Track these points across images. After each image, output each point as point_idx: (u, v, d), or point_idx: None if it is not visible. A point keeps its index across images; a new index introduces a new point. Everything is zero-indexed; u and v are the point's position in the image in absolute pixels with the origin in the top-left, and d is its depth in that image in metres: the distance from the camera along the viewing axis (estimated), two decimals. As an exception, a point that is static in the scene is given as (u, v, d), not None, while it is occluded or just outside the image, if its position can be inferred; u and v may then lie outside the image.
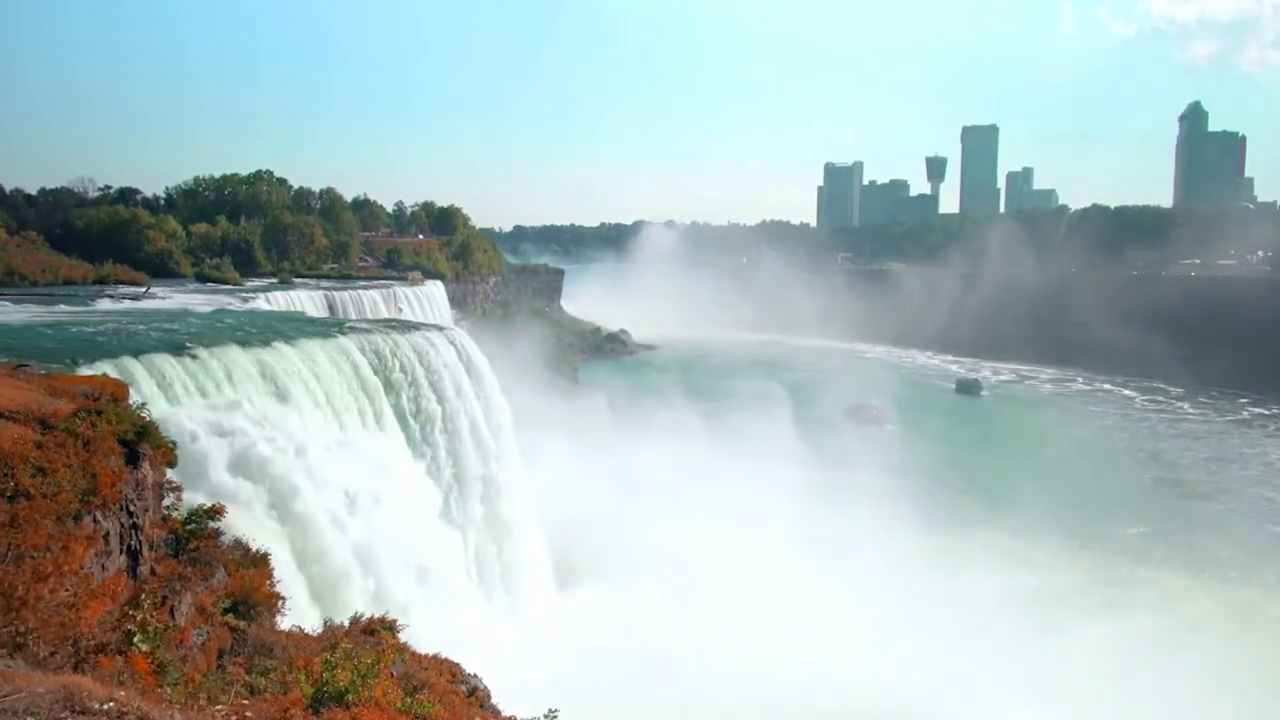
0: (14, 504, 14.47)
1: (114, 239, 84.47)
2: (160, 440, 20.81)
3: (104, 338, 36.32)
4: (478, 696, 21.97)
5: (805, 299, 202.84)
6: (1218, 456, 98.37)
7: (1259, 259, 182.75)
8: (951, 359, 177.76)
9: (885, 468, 76.02)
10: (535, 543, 48.73)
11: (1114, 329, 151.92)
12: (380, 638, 20.89)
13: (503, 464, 46.12)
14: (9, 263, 70.34)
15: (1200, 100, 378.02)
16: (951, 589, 53.71)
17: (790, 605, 47.75)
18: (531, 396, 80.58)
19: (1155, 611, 53.39)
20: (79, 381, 21.88)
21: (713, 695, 38.06)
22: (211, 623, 18.46)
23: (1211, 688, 43.05)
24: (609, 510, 59.37)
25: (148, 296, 62.72)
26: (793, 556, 55.33)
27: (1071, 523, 66.59)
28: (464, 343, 48.68)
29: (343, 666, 12.96)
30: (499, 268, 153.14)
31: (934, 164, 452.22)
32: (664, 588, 49.05)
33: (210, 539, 21.34)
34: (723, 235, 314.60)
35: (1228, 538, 67.56)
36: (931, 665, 42.83)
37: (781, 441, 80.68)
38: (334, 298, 70.28)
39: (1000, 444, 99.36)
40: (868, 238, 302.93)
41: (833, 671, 40.06)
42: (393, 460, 37.70)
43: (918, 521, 64.03)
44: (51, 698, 7.89)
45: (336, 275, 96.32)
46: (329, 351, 38.45)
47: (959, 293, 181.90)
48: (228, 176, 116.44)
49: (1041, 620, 50.36)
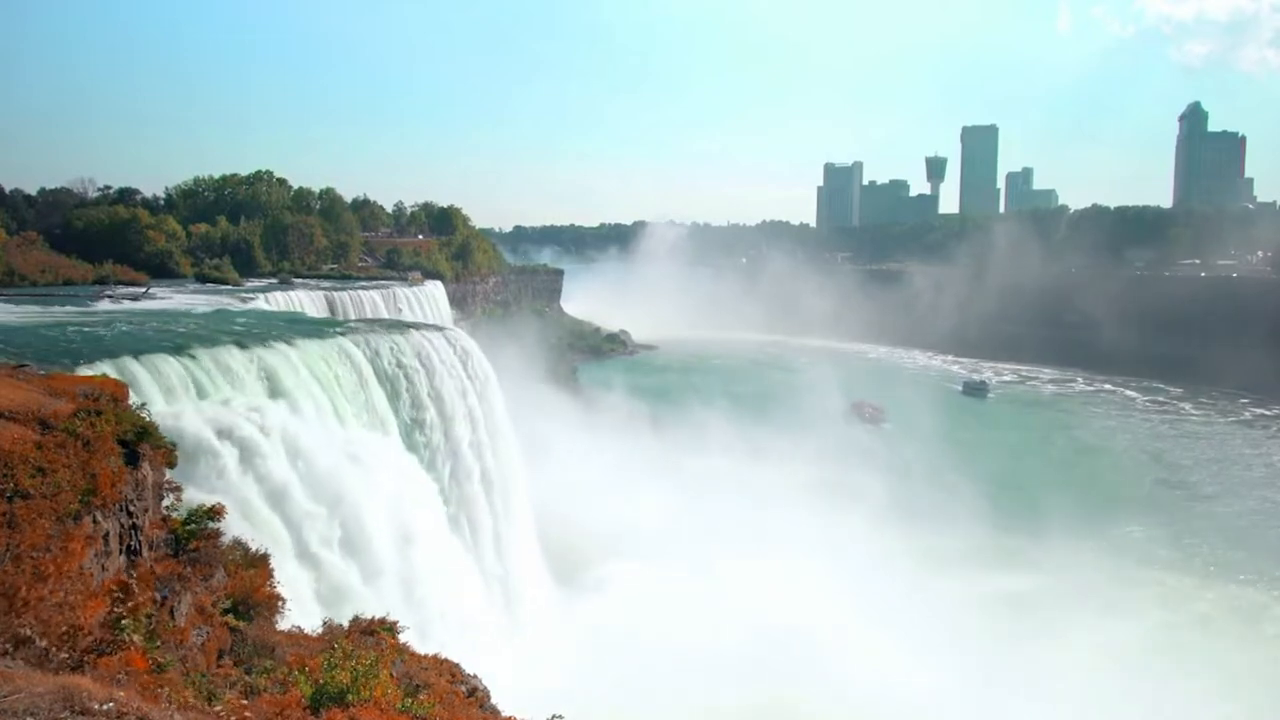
0: (14, 504, 14.47)
1: (114, 239, 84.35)
2: (160, 440, 20.81)
3: (104, 338, 36.32)
4: (478, 696, 21.97)
5: (806, 299, 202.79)
6: (1220, 458, 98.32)
7: (1259, 259, 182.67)
8: (952, 359, 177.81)
9: (886, 467, 76.13)
10: (533, 541, 48.77)
11: (1114, 330, 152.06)
12: (380, 638, 20.89)
13: (502, 463, 46.13)
14: (9, 263, 70.27)
15: (1200, 100, 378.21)
16: (967, 589, 54.17)
17: (789, 605, 47.80)
18: (531, 396, 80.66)
19: (1161, 611, 53.62)
20: (79, 382, 21.86)
21: (711, 692, 38.08)
22: (211, 623, 18.46)
23: (1220, 687, 43.19)
24: (608, 509, 59.41)
25: (148, 297, 62.70)
26: (792, 556, 55.35)
27: (1077, 525, 66.71)
28: (464, 343, 48.68)
29: (342, 667, 12.95)
30: (499, 268, 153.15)
31: (934, 164, 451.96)
32: (663, 587, 49.08)
33: (210, 539, 21.31)
34: (723, 235, 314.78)
35: (1234, 541, 67.36)
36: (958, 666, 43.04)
37: (782, 442, 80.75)
38: (334, 298, 70.20)
39: (1011, 446, 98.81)
40: (868, 238, 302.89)
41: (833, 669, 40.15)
42: (392, 459, 37.70)
43: (925, 521, 64.17)
44: (51, 698, 7.89)
45: (336, 275, 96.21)
46: (329, 352, 38.46)
47: (959, 293, 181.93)
48: (227, 177, 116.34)
49: (1050, 620, 50.56)
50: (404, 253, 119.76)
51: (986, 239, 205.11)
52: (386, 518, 33.65)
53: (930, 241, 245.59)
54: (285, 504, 29.57)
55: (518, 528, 46.58)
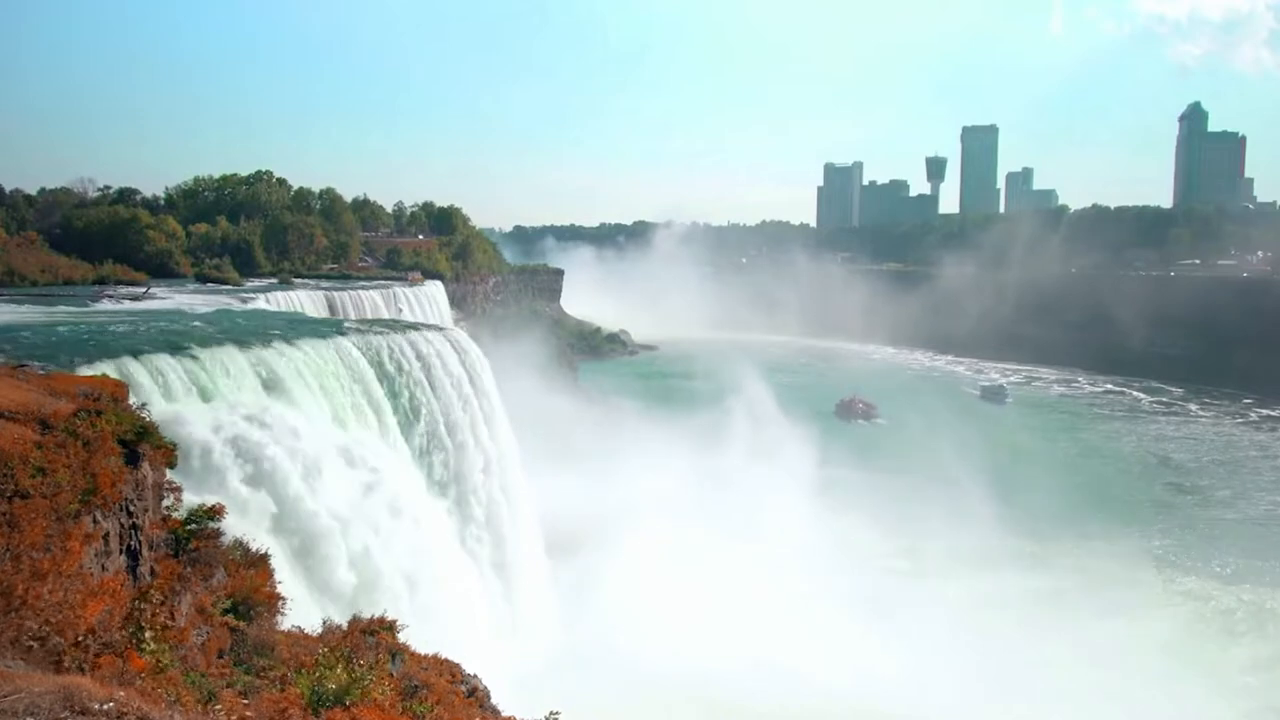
0: (13, 504, 14.45)
1: (114, 239, 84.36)
2: (160, 440, 20.77)
3: (104, 338, 36.30)
4: (478, 696, 21.99)
5: (806, 300, 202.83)
6: (1227, 460, 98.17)
7: (1259, 259, 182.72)
8: (953, 359, 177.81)
9: (888, 468, 76.23)
10: (533, 540, 48.75)
11: (1116, 330, 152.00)
12: (380, 638, 20.89)
13: (502, 462, 46.12)
14: (9, 263, 70.28)
15: (1200, 100, 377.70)
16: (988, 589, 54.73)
17: (786, 603, 47.85)
18: (531, 396, 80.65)
19: (1176, 618, 53.67)
20: (79, 381, 21.83)
21: (710, 692, 38.11)
22: (211, 623, 18.42)
23: (1234, 690, 43.28)
24: (609, 509, 59.44)
25: (148, 297, 62.68)
26: (791, 555, 55.41)
27: (1090, 530, 66.87)
28: (464, 343, 48.67)
29: (341, 667, 12.95)
30: (499, 268, 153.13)
31: (934, 164, 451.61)
32: (662, 584, 49.11)
33: (210, 539, 21.28)
34: (723, 235, 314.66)
35: (1248, 549, 66.98)
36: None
37: (782, 441, 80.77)
38: (334, 298, 70.21)
39: (1036, 451, 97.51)
40: (868, 238, 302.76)
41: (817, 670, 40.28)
42: (392, 459, 37.68)
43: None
44: (51, 698, 7.87)
45: (336, 275, 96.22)
46: (329, 352, 38.42)
47: (960, 294, 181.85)
48: (227, 177, 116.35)
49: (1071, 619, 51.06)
50: (404, 253, 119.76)
51: (986, 240, 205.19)
52: (386, 517, 33.64)
53: (930, 242, 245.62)
54: (285, 503, 29.56)
55: (518, 527, 46.56)
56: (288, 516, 29.57)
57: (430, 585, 34.47)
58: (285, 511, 29.54)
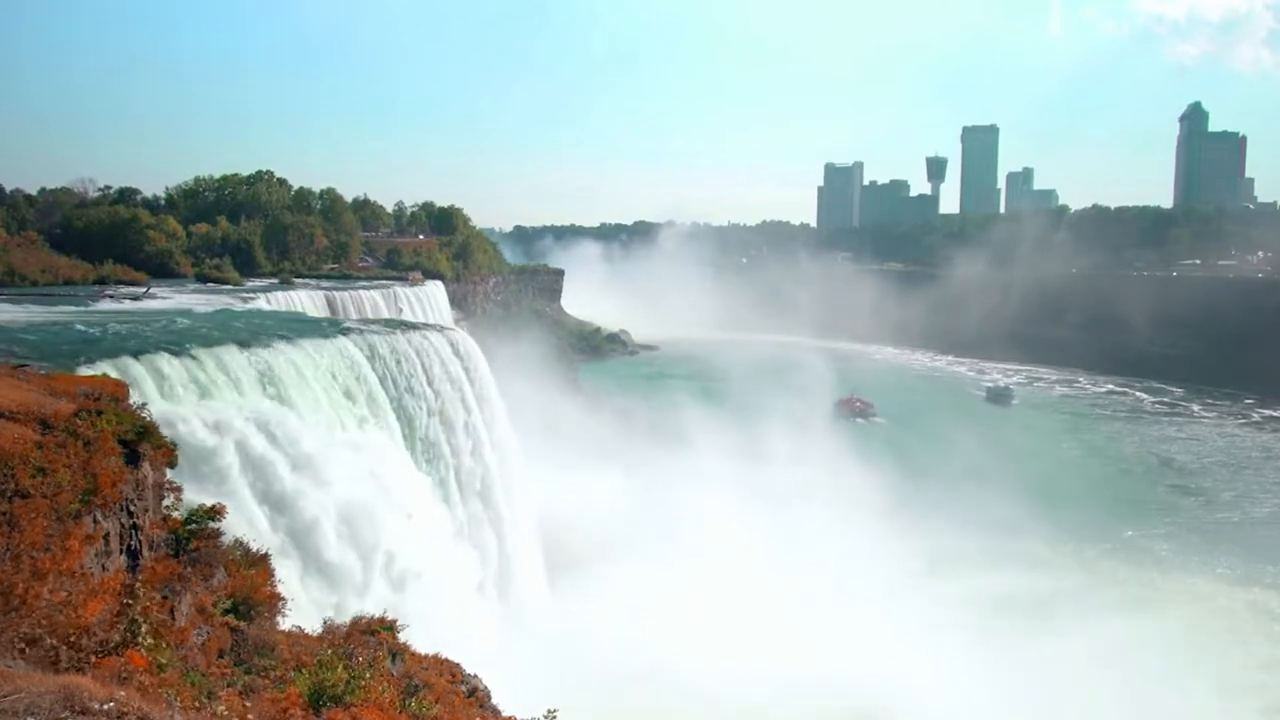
0: (13, 504, 14.44)
1: (114, 239, 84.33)
2: (160, 440, 20.75)
3: (104, 338, 36.28)
4: (478, 696, 21.98)
5: (806, 300, 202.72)
6: (1230, 461, 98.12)
7: (1259, 259, 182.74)
8: (954, 359, 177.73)
9: (888, 468, 76.14)
10: (532, 541, 48.76)
11: (1117, 331, 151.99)
12: (380, 638, 20.87)
13: (501, 463, 46.11)
14: (9, 263, 70.22)
15: (1200, 101, 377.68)
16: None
17: (785, 603, 47.83)
18: (531, 396, 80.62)
19: (1185, 616, 53.69)
20: (79, 381, 21.82)
21: (710, 691, 38.07)
22: (211, 623, 18.41)
23: (1238, 691, 43.26)
24: (608, 509, 59.41)
25: (148, 296, 62.65)
26: (789, 555, 55.36)
27: (1094, 532, 66.81)
28: (464, 343, 48.65)
29: (342, 666, 12.93)
30: (499, 268, 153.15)
31: (934, 164, 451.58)
32: (660, 585, 49.08)
33: (210, 539, 21.25)
34: (723, 235, 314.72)
35: (1252, 550, 66.87)
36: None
37: (780, 441, 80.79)
38: (334, 298, 70.17)
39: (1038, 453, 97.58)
40: (868, 238, 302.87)
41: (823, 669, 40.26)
42: (391, 459, 37.66)
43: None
44: (51, 698, 7.86)
45: (337, 275, 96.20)
46: (329, 352, 38.40)
47: (961, 294, 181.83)
48: (228, 177, 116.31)
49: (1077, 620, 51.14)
50: (404, 253, 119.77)
51: (987, 240, 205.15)
52: (386, 517, 33.61)
53: (931, 242, 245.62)
54: (285, 503, 29.54)
55: (518, 527, 46.56)
56: (288, 516, 29.55)
57: (431, 585, 34.46)
58: (285, 511, 29.52)
